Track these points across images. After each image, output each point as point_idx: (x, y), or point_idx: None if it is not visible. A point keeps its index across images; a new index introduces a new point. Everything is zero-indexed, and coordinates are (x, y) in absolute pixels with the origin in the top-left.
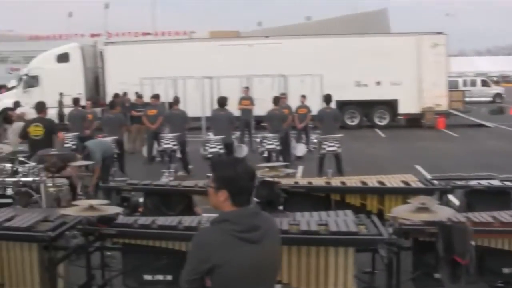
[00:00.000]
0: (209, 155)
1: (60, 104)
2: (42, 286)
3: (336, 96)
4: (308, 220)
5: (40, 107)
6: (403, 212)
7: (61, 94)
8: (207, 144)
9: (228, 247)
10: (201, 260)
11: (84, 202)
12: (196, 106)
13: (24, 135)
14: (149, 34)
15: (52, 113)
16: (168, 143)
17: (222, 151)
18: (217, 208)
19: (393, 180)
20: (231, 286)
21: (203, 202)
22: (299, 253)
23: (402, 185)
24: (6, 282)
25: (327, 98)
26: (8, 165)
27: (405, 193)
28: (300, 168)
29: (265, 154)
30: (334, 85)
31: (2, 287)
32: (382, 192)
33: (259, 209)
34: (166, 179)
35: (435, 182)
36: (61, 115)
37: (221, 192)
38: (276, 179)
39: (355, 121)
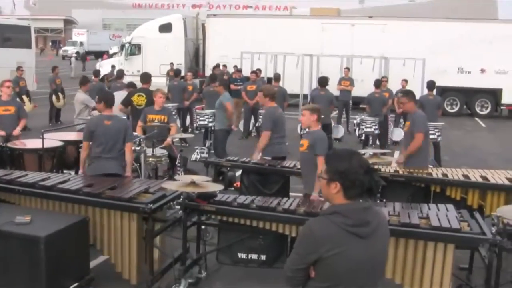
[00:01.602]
0: None
1: (169, 74)
2: (139, 255)
3: (438, 82)
4: (408, 212)
5: (146, 78)
6: (510, 213)
7: (171, 64)
8: None
9: (337, 240)
10: (308, 250)
11: (187, 178)
12: (295, 83)
13: (127, 103)
14: (250, 7)
15: (159, 83)
16: None
17: None
18: (327, 199)
19: (497, 176)
20: (336, 279)
21: (299, 183)
22: (396, 245)
23: (506, 182)
24: (105, 248)
25: (431, 85)
26: None
27: (509, 190)
28: (396, 153)
29: (362, 137)
30: (436, 70)
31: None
32: (485, 187)
33: (370, 204)
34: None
35: None
36: None
37: (333, 184)
38: (376, 166)
39: (455, 109)
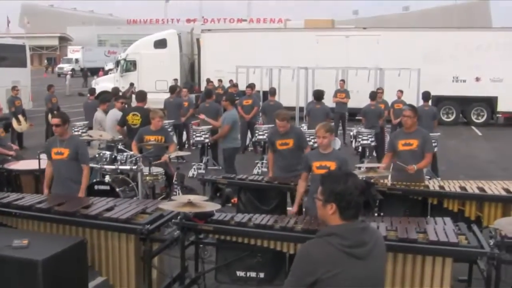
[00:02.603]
0: None
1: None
2: (137, 275)
3: (433, 91)
4: (406, 226)
5: (141, 96)
6: (508, 225)
7: (175, 80)
8: None
9: (335, 262)
10: (306, 272)
11: (183, 197)
12: (291, 96)
13: (123, 123)
14: (244, 20)
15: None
16: (262, 134)
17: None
18: (324, 220)
19: (494, 187)
20: None
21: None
22: (395, 261)
23: (503, 193)
24: (103, 270)
25: (426, 96)
26: (107, 153)
27: (506, 201)
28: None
29: (359, 150)
30: (431, 79)
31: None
32: (482, 199)
33: (367, 224)
34: (258, 170)
35: None
36: None
37: (329, 205)
38: (372, 180)
39: (451, 118)
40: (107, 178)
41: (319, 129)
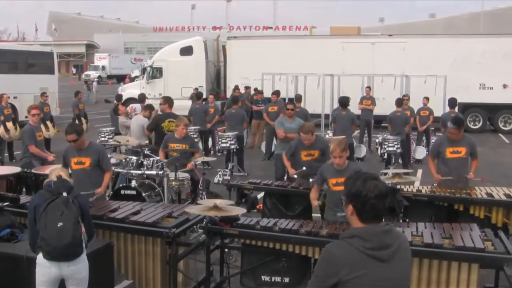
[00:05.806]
0: None
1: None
2: (162, 279)
3: (460, 98)
4: (431, 231)
5: (170, 102)
6: None
7: (197, 88)
8: None
9: (356, 264)
10: (328, 274)
11: (209, 201)
12: (316, 103)
13: (154, 128)
14: (269, 28)
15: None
16: None
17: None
18: (349, 221)
19: None
20: None
21: None
22: (420, 266)
23: None
24: (129, 273)
25: (452, 102)
26: (134, 158)
27: None
28: (419, 172)
29: (385, 157)
30: (457, 86)
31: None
32: (509, 205)
33: (390, 227)
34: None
35: None
36: None
37: (349, 206)
38: (398, 186)
39: (478, 125)
40: (133, 183)
41: (334, 149)
